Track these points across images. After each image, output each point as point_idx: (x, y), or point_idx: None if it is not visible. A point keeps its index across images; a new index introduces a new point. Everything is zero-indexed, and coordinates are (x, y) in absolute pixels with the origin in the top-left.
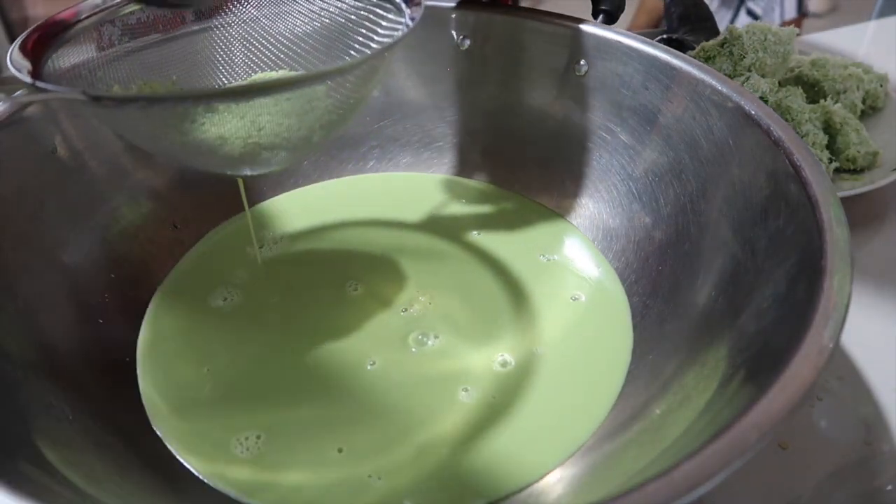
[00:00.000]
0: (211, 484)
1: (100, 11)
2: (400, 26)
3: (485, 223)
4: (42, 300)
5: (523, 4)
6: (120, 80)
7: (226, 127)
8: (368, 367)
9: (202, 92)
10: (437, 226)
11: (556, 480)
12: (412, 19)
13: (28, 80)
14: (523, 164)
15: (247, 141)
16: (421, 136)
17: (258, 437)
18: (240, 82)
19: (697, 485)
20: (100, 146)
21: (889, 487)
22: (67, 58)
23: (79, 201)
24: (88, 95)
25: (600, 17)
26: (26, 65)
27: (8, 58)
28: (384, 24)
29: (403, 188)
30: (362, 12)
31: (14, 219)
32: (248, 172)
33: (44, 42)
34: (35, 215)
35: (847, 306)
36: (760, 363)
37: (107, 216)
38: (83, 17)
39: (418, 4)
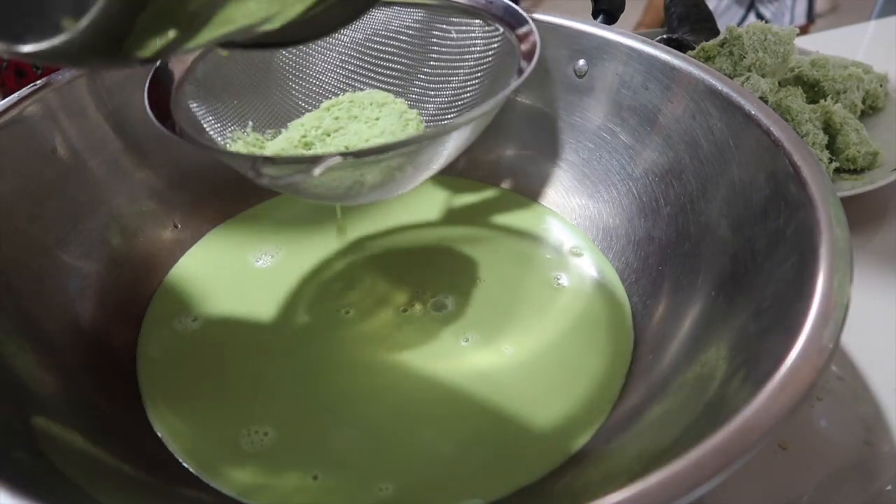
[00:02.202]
0: (211, 484)
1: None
2: (474, 29)
3: (483, 223)
4: (42, 300)
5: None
6: (214, 128)
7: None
8: (369, 368)
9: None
10: (434, 226)
11: (555, 480)
12: (521, 69)
13: (213, 145)
14: (522, 163)
15: (379, 166)
16: None
17: (265, 434)
18: (315, 112)
19: (697, 485)
20: (100, 146)
21: (889, 487)
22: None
23: (79, 201)
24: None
25: (600, 16)
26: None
27: (163, 125)
28: (456, 29)
29: None
30: (427, 19)
31: (14, 219)
32: (391, 192)
33: (165, 95)
34: (35, 215)
35: (847, 306)
36: (760, 363)
37: (107, 216)
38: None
39: (532, 57)
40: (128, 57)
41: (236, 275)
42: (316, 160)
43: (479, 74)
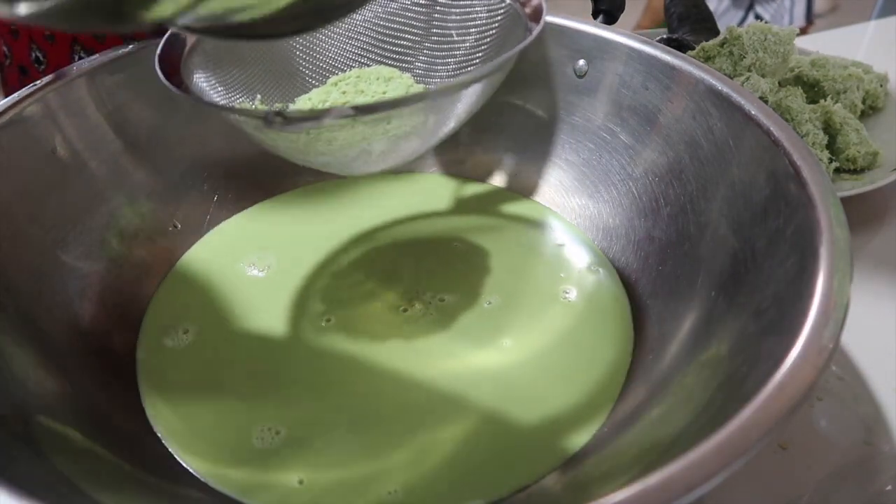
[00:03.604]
0: (211, 484)
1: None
2: (500, 7)
3: (483, 222)
4: (42, 300)
5: None
6: (223, 98)
7: (363, 128)
8: (369, 367)
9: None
10: (434, 225)
11: (555, 480)
12: (529, 30)
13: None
14: (522, 163)
15: (387, 135)
16: None
17: (277, 433)
18: (322, 87)
19: (697, 485)
20: (100, 146)
21: (889, 487)
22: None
23: (79, 201)
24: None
25: (600, 17)
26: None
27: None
28: (458, 1)
29: (402, 188)
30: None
31: (14, 219)
32: (396, 161)
33: (176, 58)
34: (35, 215)
35: (847, 306)
36: (760, 363)
37: (107, 216)
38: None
39: (539, 18)
40: (129, 17)
41: (237, 275)
42: (326, 113)
43: (483, 46)
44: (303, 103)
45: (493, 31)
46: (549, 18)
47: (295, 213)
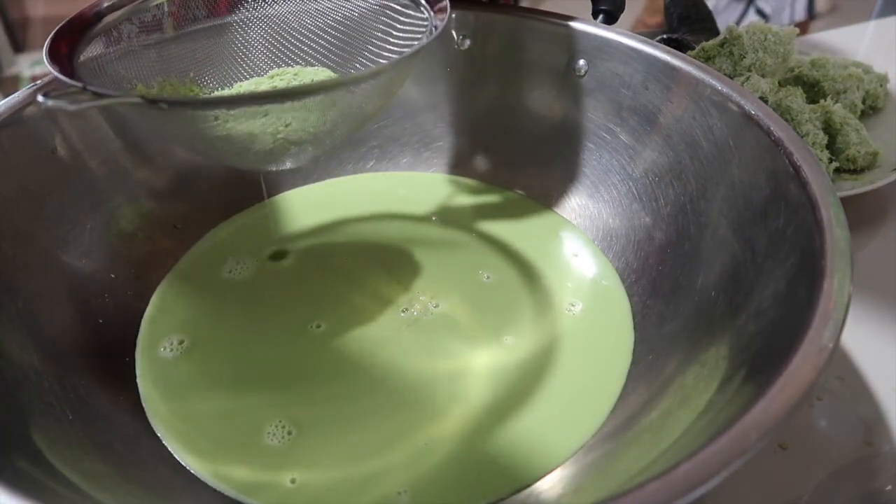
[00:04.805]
0: (210, 483)
1: (121, 7)
2: (421, 23)
3: (484, 223)
4: (42, 300)
5: (523, 4)
6: (140, 78)
7: (253, 124)
8: (370, 366)
9: (257, 94)
10: (436, 225)
11: (556, 480)
12: (436, 26)
13: (78, 84)
14: (523, 163)
15: (276, 137)
16: (421, 135)
17: (288, 432)
18: (258, 78)
19: (697, 485)
20: (100, 146)
21: (889, 487)
22: (87, 54)
23: (79, 201)
24: (146, 99)
25: (600, 17)
26: (58, 66)
27: (47, 61)
28: (403, 19)
29: (403, 188)
30: (379, 7)
31: (14, 219)
32: (284, 167)
33: (73, 41)
34: (35, 215)
35: (847, 306)
36: (760, 363)
37: (107, 216)
38: (104, 14)
39: (444, 10)
40: None
41: (237, 275)
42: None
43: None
44: (235, 89)
45: (415, 44)
46: (549, 19)
47: (295, 214)
